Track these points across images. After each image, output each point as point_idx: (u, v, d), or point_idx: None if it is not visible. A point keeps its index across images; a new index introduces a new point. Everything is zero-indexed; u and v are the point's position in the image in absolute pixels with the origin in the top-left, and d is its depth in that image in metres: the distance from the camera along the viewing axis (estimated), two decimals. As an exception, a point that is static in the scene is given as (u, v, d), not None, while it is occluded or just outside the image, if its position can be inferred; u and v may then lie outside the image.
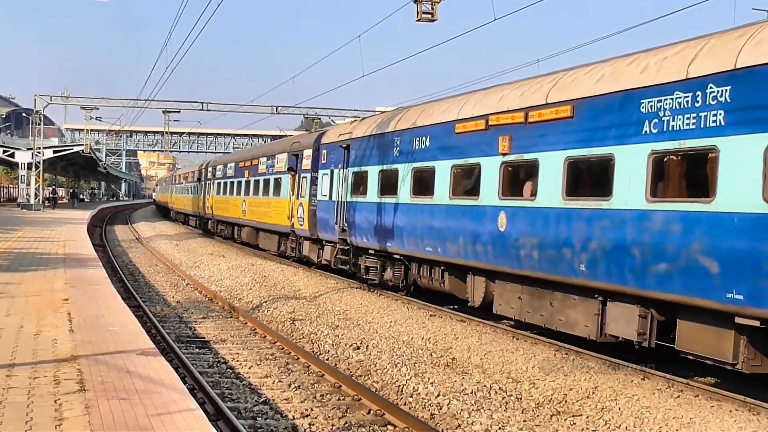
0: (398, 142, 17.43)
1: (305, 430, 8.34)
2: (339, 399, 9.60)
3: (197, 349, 12.42)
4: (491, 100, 13.96)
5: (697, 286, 9.17)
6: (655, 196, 9.97)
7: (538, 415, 8.99)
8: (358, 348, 12.52)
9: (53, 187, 73.54)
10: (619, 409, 9.15)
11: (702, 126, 9.26)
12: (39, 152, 51.37)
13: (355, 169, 19.77)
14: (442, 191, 15.20)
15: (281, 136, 45.55)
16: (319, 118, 54.07)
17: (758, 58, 8.58)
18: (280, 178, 26.98)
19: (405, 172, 16.87)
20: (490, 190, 13.55)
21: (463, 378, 10.54)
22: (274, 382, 10.33)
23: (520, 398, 9.72)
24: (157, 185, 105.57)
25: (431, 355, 12.04)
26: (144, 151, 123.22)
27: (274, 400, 9.46)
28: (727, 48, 9.12)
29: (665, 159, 9.94)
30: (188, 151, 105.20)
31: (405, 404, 9.49)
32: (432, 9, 15.76)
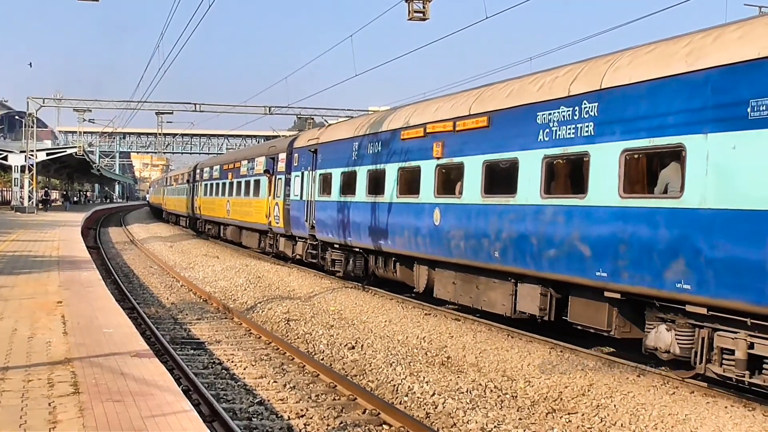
0: (357, 147, 19.31)
1: (300, 430, 8.33)
2: (334, 399, 9.59)
3: (192, 351, 12.40)
4: (429, 111, 15.99)
5: (577, 267, 11.09)
6: (548, 193, 11.87)
7: (533, 414, 8.99)
8: (353, 348, 12.51)
9: (46, 189, 73.37)
10: (615, 406, 9.16)
11: (579, 135, 11.23)
12: (32, 155, 51.19)
13: (322, 171, 21.84)
14: (391, 191, 17.12)
15: (275, 137, 46.11)
16: (312, 118, 54.07)
17: (615, 81, 10.64)
18: (259, 179, 28.97)
19: (362, 174, 18.85)
20: (427, 190, 15.52)
21: (459, 377, 10.54)
22: (269, 383, 10.32)
23: (516, 396, 9.72)
24: (150, 187, 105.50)
25: (426, 354, 12.04)
26: (137, 152, 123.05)
27: (269, 400, 9.45)
28: (597, 72, 11.13)
29: (554, 162, 11.90)
30: (181, 153, 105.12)
31: (400, 403, 9.48)
32: (423, 8, 15.80)
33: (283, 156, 25.99)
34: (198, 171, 44.45)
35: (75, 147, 58.60)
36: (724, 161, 8.90)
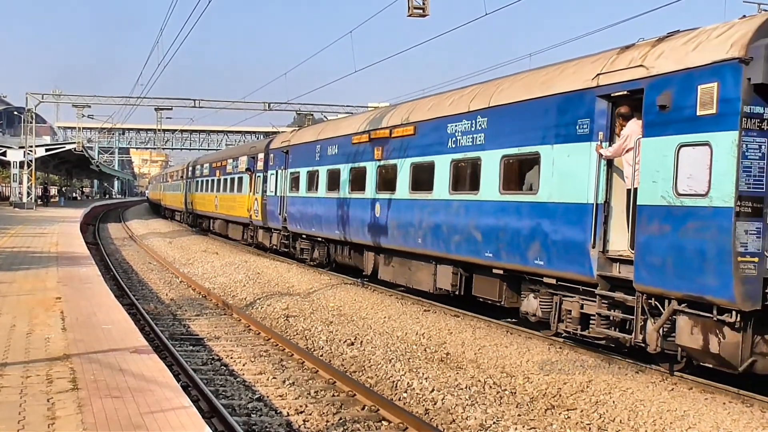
0: (319, 150, 22.28)
1: (300, 426, 8.33)
2: (333, 395, 9.59)
3: (191, 347, 12.39)
4: (374, 119, 18.88)
5: (474, 249, 13.68)
6: (454, 190, 14.56)
7: (532, 410, 9.00)
8: (352, 344, 12.51)
9: (45, 185, 73.30)
10: (614, 402, 9.17)
11: (474, 143, 13.94)
12: (31, 151, 51.14)
13: (292, 170, 24.85)
14: (345, 188, 20.02)
15: (274, 133, 46.88)
16: (312, 115, 53.96)
17: (498, 101, 13.37)
18: (242, 177, 31.79)
19: (323, 173, 21.77)
20: (371, 187, 18.31)
21: (458, 373, 10.54)
22: (268, 379, 10.32)
23: (515, 393, 9.72)
24: (149, 183, 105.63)
25: (425, 350, 12.04)
26: (136, 148, 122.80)
27: (268, 396, 9.45)
28: (488, 93, 13.86)
29: (459, 165, 14.54)
30: (181, 149, 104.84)
31: (399, 400, 9.49)
32: (423, 4, 15.74)
33: (261, 156, 28.87)
34: (191, 168, 46.99)
35: (74, 143, 58.49)
36: (562, 166, 11.52)
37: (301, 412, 8.77)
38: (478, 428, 8.28)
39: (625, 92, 10.47)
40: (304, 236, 23.95)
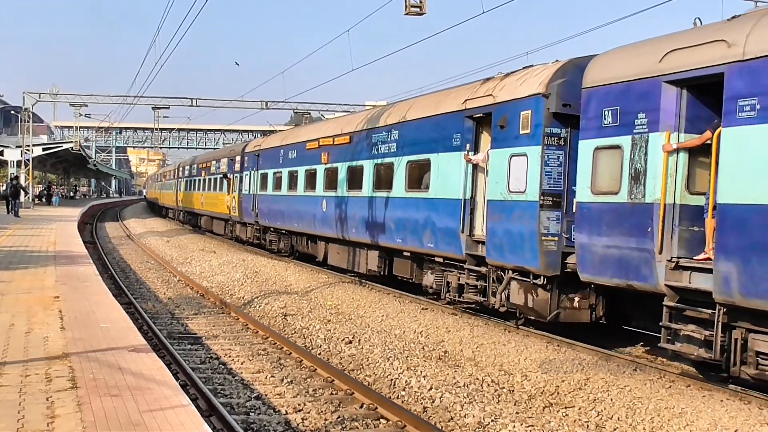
0: (282, 153, 25.88)
1: (298, 424, 8.34)
2: (332, 393, 9.60)
3: (189, 345, 12.40)
4: (323, 129, 22.83)
5: (390, 236, 17.04)
6: (377, 188, 17.92)
7: (530, 407, 9.01)
8: (351, 342, 12.52)
9: (50, 183, 73.19)
10: (611, 400, 9.19)
11: (389, 151, 17.37)
12: (28, 150, 51.06)
13: (262, 171, 28.40)
14: (301, 187, 23.65)
15: (271, 132, 47.74)
16: (309, 113, 53.93)
17: (409, 117, 16.65)
18: (225, 177, 35.05)
19: (285, 174, 25.35)
20: (320, 186, 21.90)
21: (456, 371, 10.55)
22: (266, 377, 10.33)
23: (513, 391, 9.74)
24: (147, 181, 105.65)
25: (423, 348, 12.06)
26: (134, 147, 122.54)
27: (266, 395, 9.45)
28: (402, 110, 17.26)
29: (380, 168, 17.90)
30: (178, 147, 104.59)
31: (398, 398, 9.50)
32: (420, 2, 15.73)
33: (238, 158, 32.41)
34: (181, 169, 50.65)
35: (71, 142, 58.44)
36: (444, 170, 14.86)
37: (300, 411, 8.78)
38: (477, 426, 8.29)
39: (482, 114, 13.78)
40: (272, 229, 27.69)
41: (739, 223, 8.68)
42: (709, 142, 9.32)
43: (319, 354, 11.88)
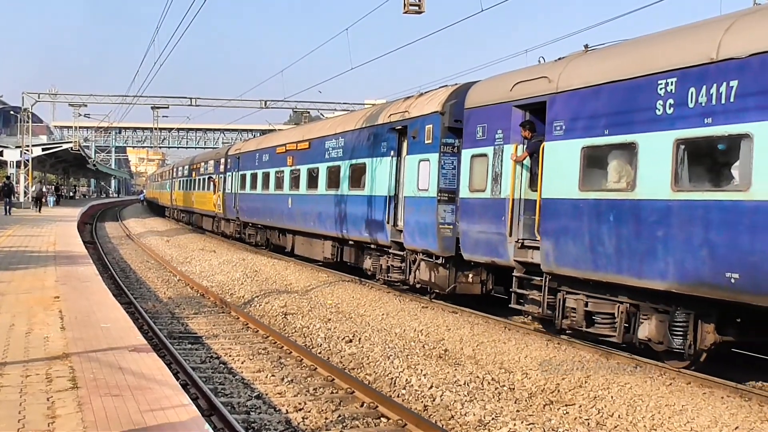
0: (257, 156, 29.38)
1: (299, 423, 8.33)
2: (332, 392, 9.60)
3: (189, 345, 12.40)
4: (289, 135, 26.52)
5: (337, 227, 20.02)
6: (329, 188, 20.84)
7: (531, 405, 9.02)
8: (351, 341, 12.52)
9: (57, 184, 73.20)
10: (612, 397, 9.19)
11: (338, 156, 20.52)
12: (28, 150, 51.05)
13: (242, 172, 31.67)
14: (272, 186, 26.83)
15: (270, 131, 47.93)
16: (308, 112, 53.94)
17: (348, 128, 20.02)
18: (212, 177, 38.19)
19: (260, 175, 28.75)
20: (287, 186, 25.04)
21: (456, 369, 10.55)
22: (267, 377, 10.32)
23: (513, 389, 9.75)
24: (146, 183, 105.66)
25: (424, 346, 12.06)
26: (133, 147, 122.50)
27: (267, 394, 9.45)
28: (352, 120, 20.17)
29: (330, 170, 21.00)
30: (177, 147, 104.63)
31: (398, 396, 9.50)
32: (419, 1, 15.75)
33: (223, 161, 35.71)
34: (175, 170, 54.02)
35: (70, 142, 58.47)
36: (376, 172, 17.91)
37: (300, 410, 8.78)
38: (477, 424, 8.29)
39: (401, 127, 16.80)
40: (250, 224, 31.04)
41: (552, 212, 11.61)
42: (536, 155, 12.30)
43: (320, 353, 11.88)
